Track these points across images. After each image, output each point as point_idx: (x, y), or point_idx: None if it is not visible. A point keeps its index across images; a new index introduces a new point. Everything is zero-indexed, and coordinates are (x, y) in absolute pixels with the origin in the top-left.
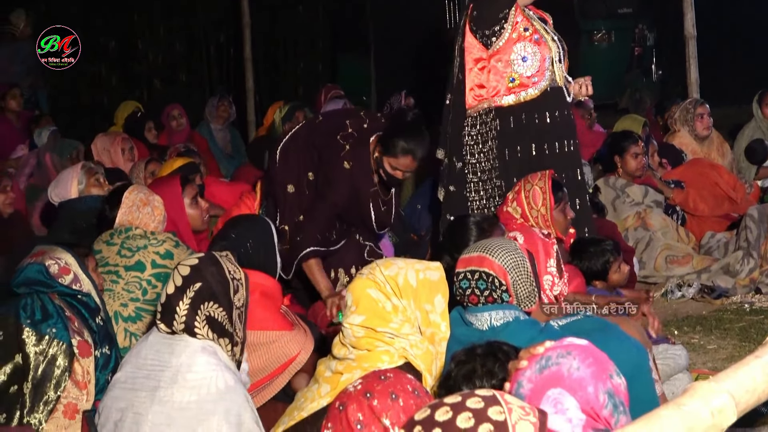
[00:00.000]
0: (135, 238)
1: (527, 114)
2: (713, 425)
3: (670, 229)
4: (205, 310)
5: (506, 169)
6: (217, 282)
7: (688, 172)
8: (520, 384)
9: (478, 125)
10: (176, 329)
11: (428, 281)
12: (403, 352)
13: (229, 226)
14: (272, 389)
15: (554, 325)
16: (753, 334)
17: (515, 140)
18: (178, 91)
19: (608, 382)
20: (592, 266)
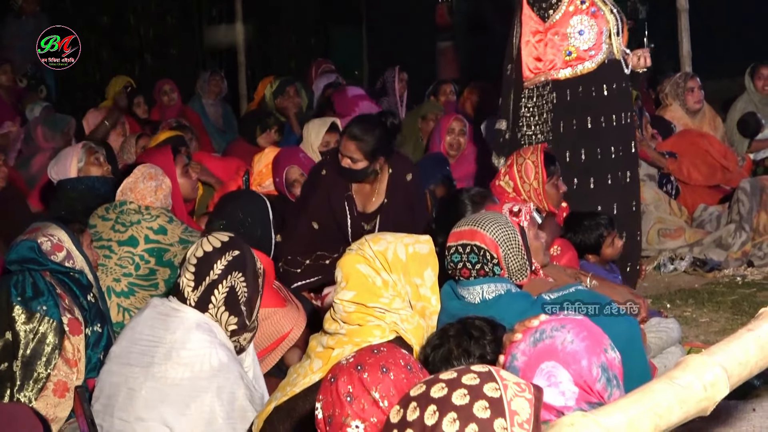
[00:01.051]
0: (129, 213)
1: (584, 87)
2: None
3: (663, 202)
4: (233, 279)
5: (559, 141)
6: (250, 257)
7: (680, 142)
8: (514, 356)
9: (534, 97)
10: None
11: (418, 255)
12: (394, 327)
13: (226, 203)
14: (265, 365)
15: (546, 297)
16: (745, 307)
17: (571, 113)
18: (170, 66)
19: (602, 355)
20: (586, 240)
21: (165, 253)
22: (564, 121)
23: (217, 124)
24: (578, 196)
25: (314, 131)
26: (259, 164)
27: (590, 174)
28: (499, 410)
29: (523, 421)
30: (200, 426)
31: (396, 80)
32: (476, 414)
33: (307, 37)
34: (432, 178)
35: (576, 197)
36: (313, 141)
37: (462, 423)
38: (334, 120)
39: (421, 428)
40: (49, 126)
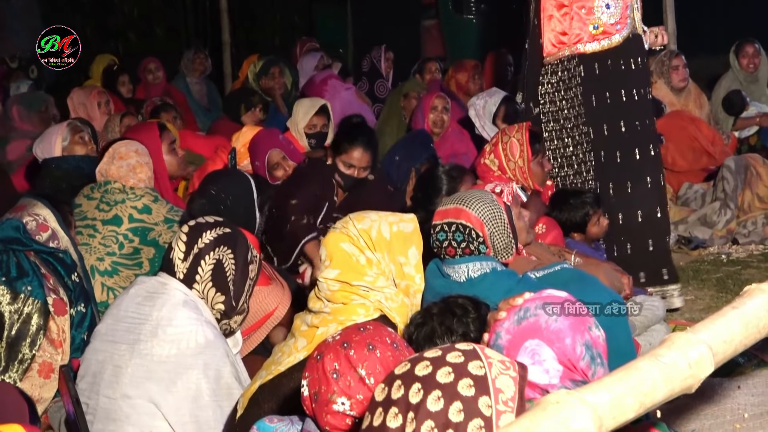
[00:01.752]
0: (113, 192)
1: (612, 60)
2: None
3: None
4: (220, 252)
5: (594, 115)
6: (242, 239)
7: (668, 125)
8: (498, 335)
9: (559, 72)
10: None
11: (402, 233)
12: (379, 305)
13: (208, 182)
14: (250, 344)
15: (532, 276)
16: (730, 284)
17: (602, 86)
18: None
19: (586, 334)
20: (572, 218)
21: (149, 233)
22: (596, 94)
23: (202, 103)
24: (611, 173)
25: (302, 111)
26: (237, 143)
27: (620, 148)
28: (483, 388)
29: (507, 399)
30: (186, 403)
31: (382, 59)
32: (461, 392)
33: (291, 15)
34: (417, 158)
35: (608, 174)
36: (299, 121)
37: (446, 401)
38: (324, 103)
39: (405, 406)
40: (25, 105)
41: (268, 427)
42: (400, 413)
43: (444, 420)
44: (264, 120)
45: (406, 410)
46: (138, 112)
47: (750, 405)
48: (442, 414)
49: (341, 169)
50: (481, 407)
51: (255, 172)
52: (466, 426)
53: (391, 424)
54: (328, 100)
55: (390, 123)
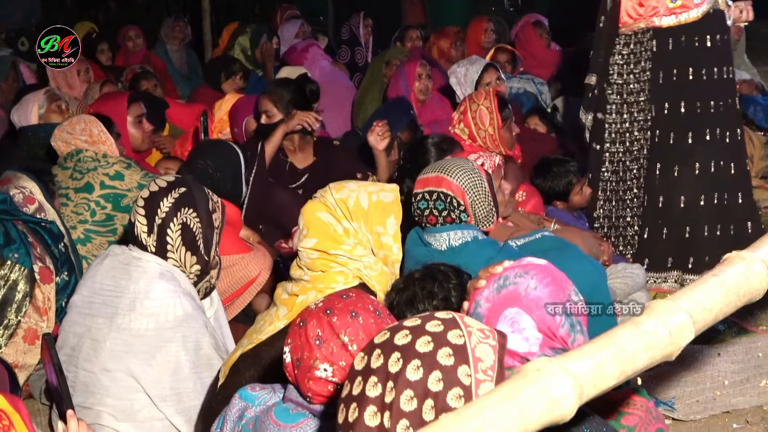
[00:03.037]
0: (86, 160)
1: (687, 36)
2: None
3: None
4: (183, 215)
5: (658, 92)
6: (199, 193)
7: None
8: (477, 303)
9: (632, 44)
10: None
11: (381, 203)
12: (358, 273)
13: (197, 155)
14: (233, 310)
15: (513, 244)
16: None
17: (672, 63)
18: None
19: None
20: (555, 186)
21: (122, 199)
22: (664, 71)
23: (182, 71)
24: (677, 152)
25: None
26: (219, 111)
27: (689, 128)
28: (462, 357)
29: (487, 368)
30: (166, 376)
31: (361, 26)
32: (440, 361)
33: None
34: (397, 124)
35: (675, 152)
36: None
37: (426, 370)
38: (305, 71)
39: (385, 375)
40: None
41: (250, 395)
42: (380, 382)
43: (423, 389)
44: (245, 88)
45: (386, 379)
46: (118, 80)
47: (730, 372)
48: (421, 383)
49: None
50: (461, 376)
51: (234, 139)
52: (445, 395)
53: (370, 393)
54: (308, 68)
55: (371, 91)
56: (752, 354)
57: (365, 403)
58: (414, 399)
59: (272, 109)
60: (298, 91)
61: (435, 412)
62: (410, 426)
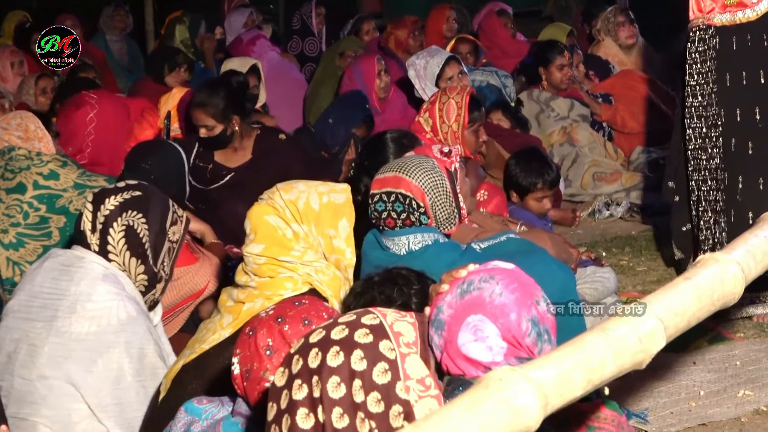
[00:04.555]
0: (18, 159)
1: (753, 36)
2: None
3: (598, 144)
4: (129, 218)
5: (726, 95)
6: (157, 201)
7: (617, 84)
8: (439, 309)
9: (696, 41)
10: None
11: (332, 205)
12: (308, 278)
13: (138, 155)
14: (178, 322)
15: (476, 247)
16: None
17: (738, 64)
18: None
19: (533, 308)
20: (520, 179)
21: (57, 199)
22: (731, 72)
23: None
24: (754, 162)
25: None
26: (166, 106)
27: (753, 138)
28: (381, 334)
29: (409, 342)
30: (108, 384)
31: (313, 15)
32: (359, 341)
33: None
34: (352, 120)
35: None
36: None
37: (346, 352)
38: (255, 62)
39: (308, 373)
40: None
41: (196, 409)
42: (304, 382)
43: (348, 372)
44: (190, 81)
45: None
46: (54, 73)
47: (706, 382)
48: (344, 366)
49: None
50: (383, 351)
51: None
52: (371, 372)
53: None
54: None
55: (325, 84)
56: (730, 362)
57: (295, 408)
58: (341, 384)
59: (210, 121)
60: (231, 93)
61: (364, 392)
62: (344, 413)
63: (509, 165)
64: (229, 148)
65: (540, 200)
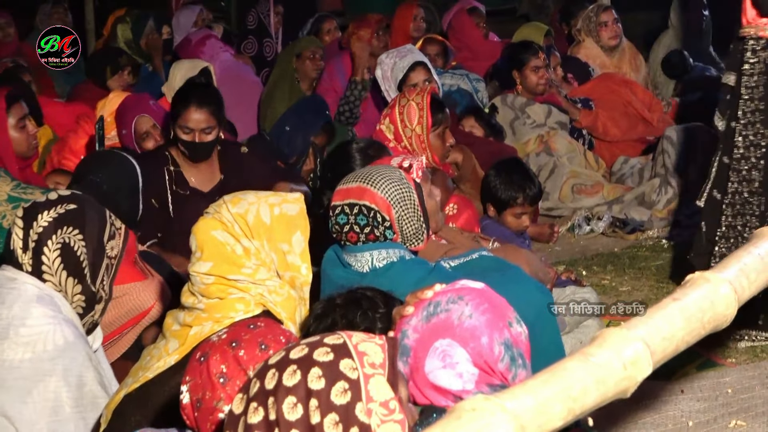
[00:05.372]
0: None
1: None
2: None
3: (577, 153)
4: (65, 235)
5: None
6: (94, 213)
7: (598, 88)
8: (404, 334)
9: (749, 52)
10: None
11: (285, 217)
12: (261, 299)
13: (88, 167)
14: (121, 346)
15: (446, 265)
16: (671, 273)
17: None
18: None
19: (505, 331)
20: (499, 193)
21: None
22: None
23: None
24: None
25: (180, 74)
26: (103, 111)
27: None
28: (343, 352)
29: (375, 363)
30: (45, 415)
31: (271, 14)
32: (317, 359)
33: None
34: (311, 127)
35: None
36: (176, 85)
37: (303, 371)
38: (206, 65)
39: (263, 395)
40: None
41: None
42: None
43: (304, 391)
44: (134, 84)
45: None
46: None
47: (695, 411)
48: (300, 386)
49: (181, 137)
50: (344, 370)
51: (122, 142)
52: (329, 391)
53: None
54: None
55: (281, 88)
56: (720, 390)
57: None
58: (298, 405)
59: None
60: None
61: (321, 413)
62: None
63: (489, 176)
64: (203, 164)
65: (519, 216)
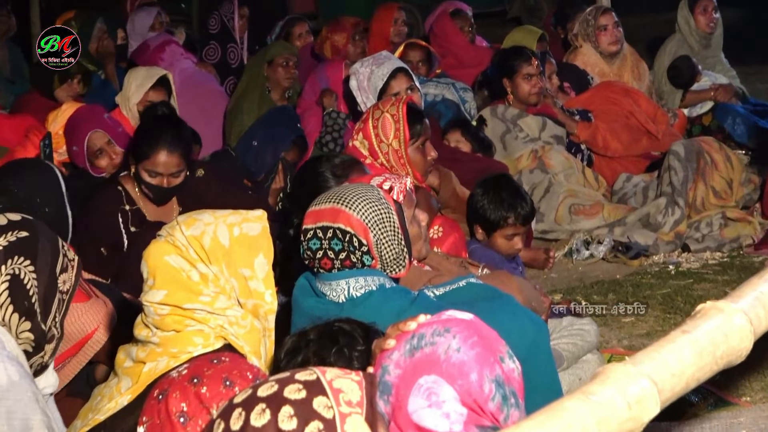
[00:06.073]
0: None
1: None
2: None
3: (575, 170)
4: (15, 265)
5: None
6: (46, 242)
7: (596, 99)
8: (385, 369)
9: None
10: None
11: (245, 238)
12: (221, 332)
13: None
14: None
15: (430, 294)
16: (679, 302)
17: None
18: None
19: (496, 366)
20: (488, 213)
21: None
22: None
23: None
24: None
25: (136, 83)
26: (54, 125)
27: None
28: (317, 389)
29: (352, 401)
30: None
31: (236, 17)
32: (289, 397)
33: None
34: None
35: None
36: (132, 95)
37: (273, 410)
38: (165, 73)
39: None
40: None
41: None
42: None
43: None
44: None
45: None
46: None
47: None
48: (270, 426)
49: (146, 179)
50: (318, 408)
51: (73, 160)
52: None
53: None
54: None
55: (249, 97)
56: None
57: None
58: None
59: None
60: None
61: None
62: None
63: (475, 195)
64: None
65: (510, 238)
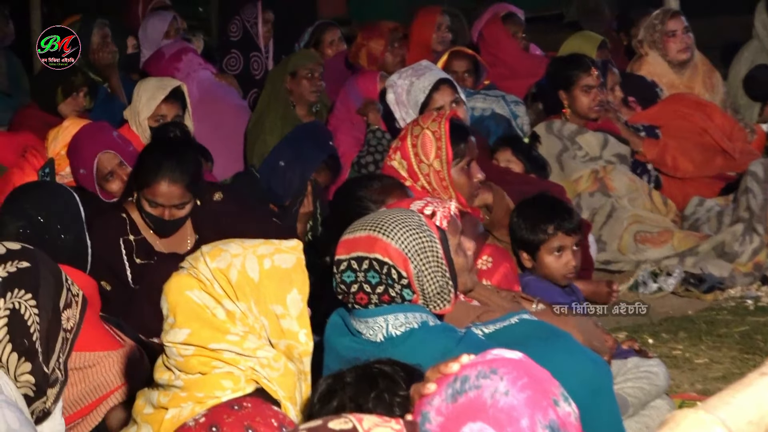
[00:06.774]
0: None
1: None
2: None
3: (641, 193)
4: (15, 299)
5: None
6: (48, 273)
7: (665, 113)
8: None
9: None
10: None
11: (277, 271)
12: (253, 374)
13: (21, 200)
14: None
15: (478, 332)
16: (759, 342)
17: None
18: None
19: (550, 411)
20: (526, 235)
21: None
22: None
23: (1, 84)
24: None
25: (146, 95)
26: (55, 144)
27: None
28: None
29: None
30: None
31: (259, 23)
32: None
33: None
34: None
35: None
36: (142, 109)
37: None
38: (178, 84)
39: None
40: None
41: None
42: None
43: None
44: (91, 110)
45: None
46: None
47: None
48: None
49: (146, 208)
50: None
51: (79, 183)
52: None
53: None
54: (182, 81)
55: (272, 114)
56: None
57: None
58: None
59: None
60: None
61: None
62: None
63: (511, 219)
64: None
65: (559, 254)
